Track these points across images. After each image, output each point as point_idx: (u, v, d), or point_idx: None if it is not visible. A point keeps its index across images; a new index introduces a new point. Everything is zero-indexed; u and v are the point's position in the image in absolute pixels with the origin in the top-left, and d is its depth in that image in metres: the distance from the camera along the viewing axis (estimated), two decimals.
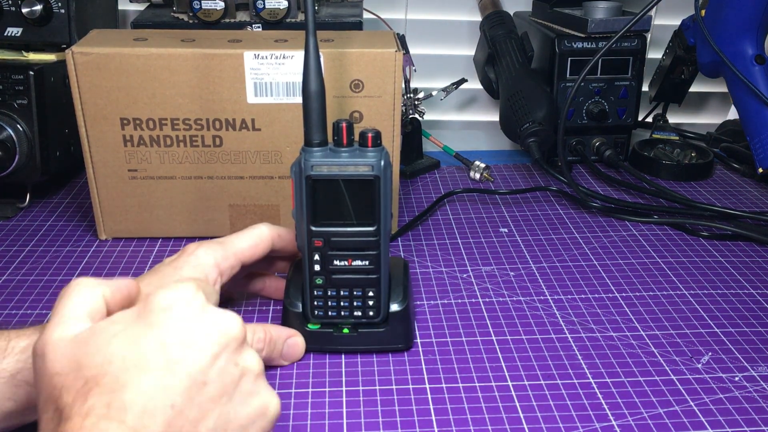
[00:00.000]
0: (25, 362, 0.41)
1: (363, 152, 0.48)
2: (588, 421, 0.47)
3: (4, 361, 0.41)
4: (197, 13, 0.79)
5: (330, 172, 0.48)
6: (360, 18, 0.83)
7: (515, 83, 0.83)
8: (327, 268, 0.51)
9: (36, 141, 0.71)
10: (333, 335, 0.53)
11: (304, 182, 0.48)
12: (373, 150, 0.48)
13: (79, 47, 0.62)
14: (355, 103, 0.65)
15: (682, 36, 0.92)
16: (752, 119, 0.80)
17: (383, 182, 0.48)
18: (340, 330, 0.53)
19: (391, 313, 0.53)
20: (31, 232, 0.72)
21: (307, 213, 0.49)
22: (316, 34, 0.49)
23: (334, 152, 0.49)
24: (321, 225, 0.49)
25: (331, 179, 0.48)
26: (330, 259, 0.50)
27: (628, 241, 0.71)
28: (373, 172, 0.48)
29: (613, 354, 0.54)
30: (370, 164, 0.48)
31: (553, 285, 0.63)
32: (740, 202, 0.81)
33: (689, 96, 1.02)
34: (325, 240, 0.50)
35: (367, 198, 0.49)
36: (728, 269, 0.66)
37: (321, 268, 0.51)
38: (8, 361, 0.41)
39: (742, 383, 0.51)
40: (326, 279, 0.51)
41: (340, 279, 0.51)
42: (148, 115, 0.64)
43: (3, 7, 0.74)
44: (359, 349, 0.54)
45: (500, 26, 0.90)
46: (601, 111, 0.87)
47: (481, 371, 0.52)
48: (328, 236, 0.50)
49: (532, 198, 0.81)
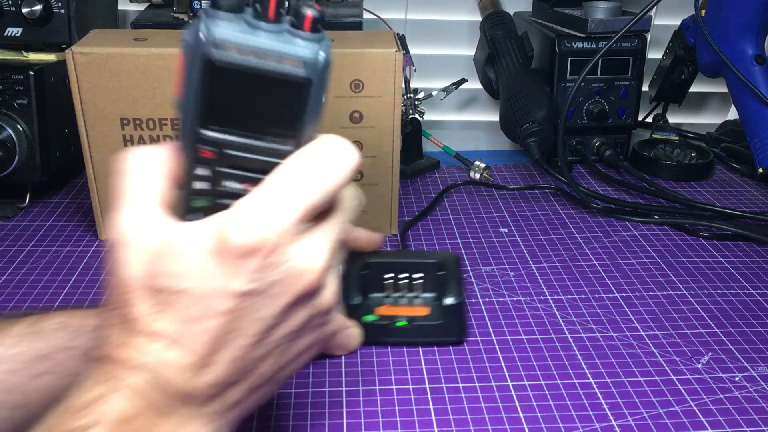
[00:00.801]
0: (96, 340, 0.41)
1: (294, 36, 0.32)
2: (588, 421, 0.47)
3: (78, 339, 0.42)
4: (197, 13, 0.79)
5: (241, 58, 0.31)
6: (360, 18, 0.83)
7: (515, 83, 0.83)
8: (215, 189, 0.34)
9: (36, 141, 0.71)
10: (388, 328, 0.54)
11: (201, 66, 0.32)
12: (310, 36, 0.32)
13: (79, 47, 0.62)
14: (355, 103, 0.65)
15: (682, 36, 0.92)
16: (752, 119, 0.80)
17: (316, 88, 0.33)
18: (394, 323, 0.54)
19: (446, 306, 0.54)
20: (31, 232, 0.72)
21: (198, 109, 0.33)
22: None
23: (250, 27, 0.32)
24: (215, 129, 0.33)
25: (241, 70, 0.32)
26: (220, 178, 0.34)
27: (628, 241, 0.71)
28: (304, 71, 0.32)
29: (613, 354, 0.54)
30: (302, 58, 0.32)
31: (553, 285, 0.63)
32: (740, 202, 0.81)
33: (689, 96, 1.02)
34: (218, 152, 0.34)
35: (289, 105, 0.33)
36: (728, 269, 0.66)
37: (209, 187, 0.34)
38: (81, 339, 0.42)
39: (742, 383, 0.51)
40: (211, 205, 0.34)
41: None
42: (148, 115, 0.64)
43: (3, 7, 0.74)
44: (414, 342, 0.55)
45: (500, 26, 0.90)
46: (601, 111, 0.87)
47: (481, 371, 0.52)
48: (222, 146, 0.33)
49: (532, 198, 0.81)
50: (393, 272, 0.56)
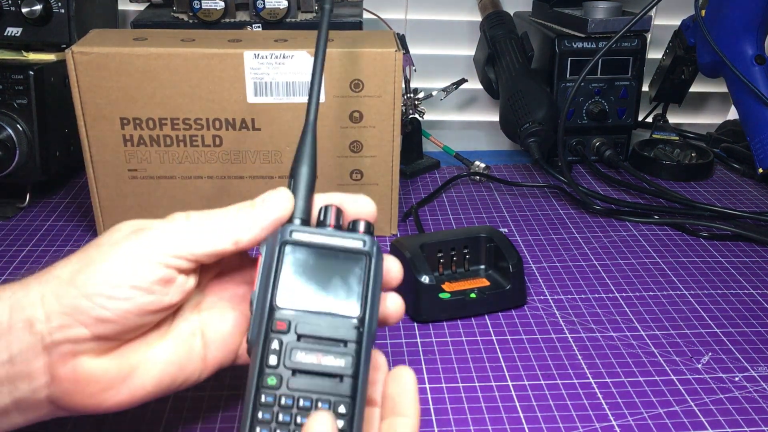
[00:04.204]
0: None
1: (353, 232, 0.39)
2: (588, 421, 0.47)
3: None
4: (197, 13, 0.79)
5: (312, 240, 0.38)
6: (360, 18, 0.83)
7: (515, 83, 0.83)
8: (286, 362, 0.36)
9: (36, 141, 0.71)
10: (464, 302, 0.58)
11: (278, 250, 0.37)
12: (366, 234, 0.39)
13: (78, 47, 0.62)
14: (355, 102, 0.65)
15: (682, 36, 0.92)
16: (752, 119, 0.80)
17: (375, 265, 0.38)
18: (467, 296, 0.58)
19: (511, 273, 0.59)
20: (31, 232, 0.72)
21: (274, 287, 0.37)
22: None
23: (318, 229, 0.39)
24: (288, 304, 0.37)
25: (312, 247, 0.38)
26: (292, 351, 0.36)
27: (628, 241, 0.71)
28: (365, 248, 0.38)
29: (613, 354, 0.54)
30: (362, 240, 0.38)
31: (553, 285, 0.63)
32: (740, 202, 0.81)
33: (689, 96, 1.02)
34: (289, 324, 0.36)
35: (353, 276, 0.38)
36: (728, 269, 0.66)
37: (278, 362, 0.36)
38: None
39: (742, 383, 0.51)
40: (280, 381, 0.35)
41: (302, 382, 0.35)
42: (148, 115, 0.64)
43: (3, 7, 0.74)
44: (486, 312, 0.59)
45: (500, 26, 0.90)
46: (601, 111, 0.87)
47: (481, 371, 0.52)
48: (294, 320, 0.36)
49: (532, 198, 0.81)
50: (443, 251, 0.61)
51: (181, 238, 0.38)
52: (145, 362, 0.38)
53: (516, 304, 0.60)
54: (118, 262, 0.36)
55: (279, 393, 0.35)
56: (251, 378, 0.35)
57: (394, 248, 0.61)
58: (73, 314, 0.35)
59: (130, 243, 0.37)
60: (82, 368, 0.36)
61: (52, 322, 0.35)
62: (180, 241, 0.37)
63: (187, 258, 0.38)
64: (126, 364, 0.38)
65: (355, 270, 0.38)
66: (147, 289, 0.36)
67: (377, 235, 0.71)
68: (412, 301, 0.57)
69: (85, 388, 0.37)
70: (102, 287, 0.36)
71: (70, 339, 0.36)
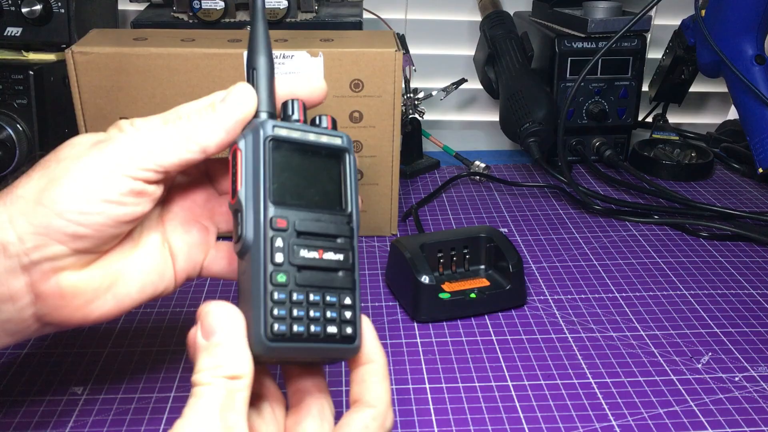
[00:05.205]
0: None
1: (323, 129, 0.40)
2: (588, 421, 0.47)
3: None
4: (197, 13, 0.79)
5: (297, 136, 0.38)
6: (360, 18, 0.83)
7: (515, 83, 0.83)
8: (291, 259, 0.37)
9: (36, 141, 0.71)
10: (464, 302, 0.58)
11: (264, 147, 0.37)
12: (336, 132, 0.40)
13: (78, 47, 0.62)
14: (355, 102, 0.65)
15: (682, 36, 0.92)
16: (752, 119, 0.80)
17: (351, 162, 0.39)
18: (467, 297, 0.58)
19: (511, 273, 0.59)
20: None
21: (267, 188, 0.36)
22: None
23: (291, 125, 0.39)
24: (284, 205, 0.37)
25: (299, 145, 0.38)
26: (296, 249, 0.37)
27: (628, 241, 0.71)
28: (344, 144, 0.39)
29: (613, 354, 0.54)
30: (340, 136, 0.39)
31: (553, 285, 0.63)
32: (740, 202, 0.81)
33: (689, 96, 1.02)
34: (288, 221, 0.37)
35: (337, 176, 0.39)
36: (728, 269, 0.66)
37: (283, 260, 0.36)
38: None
39: (742, 383, 0.51)
40: (290, 277, 0.37)
41: (309, 277, 0.37)
42: (147, 115, 0.64)
43: (3, 7, 0.74)
44: (485, 312, 0.59)
45: (500, 26, 0.90)
46: (601, 111, 0.87)
47: (481, 371, 0.52)
48: (293, 217, 0.37)
49: (532, 198, 0.81)
50: (443, 251, 0.61)
51: (148, 149, 0.37)
52: (126, 271, 0.39)
53: (516, 304, 0.60)
54: (86, 177, 0.36)
55: (290, 289, 0.36)
56: (256, 277, 0.35)
57: (394, 248, 0.61)
58: (47, 233, 0.35)
59: (95, 157, 0.37)
60: (66, 282, 0.36)
61: (26, 243, 0.35)
62: (147, 153, 0.37)
63: (155, 170, 0.37)
64: (108, 274, 0.38)
65: (337, 166, 0.39)
66: (118, 201, 0.36)
67: (377, 235, 0.71)
68: (412, 301, 0.57)
69: (71, 302, 0.37)
70: (73, 204, 0.35)
71: (48, 257, 0.36)
